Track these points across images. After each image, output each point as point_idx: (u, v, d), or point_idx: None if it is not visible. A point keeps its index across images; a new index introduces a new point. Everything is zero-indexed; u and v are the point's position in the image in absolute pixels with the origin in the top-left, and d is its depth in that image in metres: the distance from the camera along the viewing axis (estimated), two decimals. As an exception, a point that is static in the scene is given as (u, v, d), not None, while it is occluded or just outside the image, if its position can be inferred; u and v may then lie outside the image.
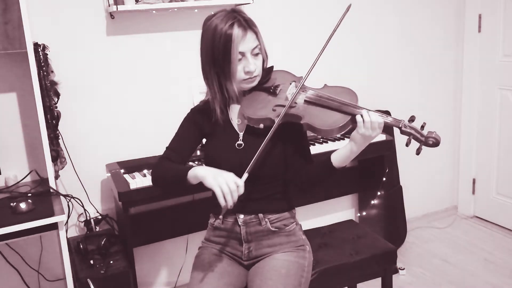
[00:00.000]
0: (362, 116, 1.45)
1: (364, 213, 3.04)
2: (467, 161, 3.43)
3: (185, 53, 2.53)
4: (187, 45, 2.53)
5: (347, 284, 1.96)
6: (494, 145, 3.24)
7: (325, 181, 1.59)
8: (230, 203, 1.36)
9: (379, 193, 2.88)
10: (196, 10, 2.48)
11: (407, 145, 1.46)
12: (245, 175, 1.41)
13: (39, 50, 2.06)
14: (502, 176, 3.23)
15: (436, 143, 1.43)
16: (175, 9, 2.44)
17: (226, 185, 1.36)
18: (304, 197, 2.76)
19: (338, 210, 3.13)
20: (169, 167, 1.58)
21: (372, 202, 2.93)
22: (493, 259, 2.89)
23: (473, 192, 3.44)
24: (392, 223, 2.95)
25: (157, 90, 2.53)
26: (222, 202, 1.36)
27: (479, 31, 3.21)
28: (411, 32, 3.19)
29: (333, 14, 2.84)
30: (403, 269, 2.78)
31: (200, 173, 1.44)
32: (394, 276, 2.00)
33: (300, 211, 1.88)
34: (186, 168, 1.50)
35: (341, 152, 1.52)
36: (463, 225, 3.38)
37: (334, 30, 1.53)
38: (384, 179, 2.82)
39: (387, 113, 2.95)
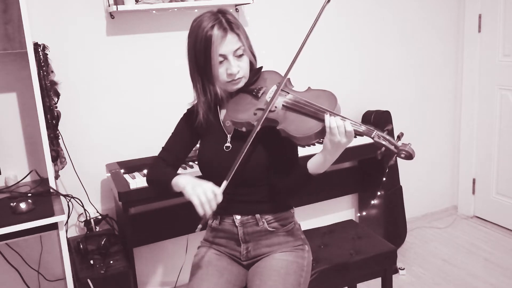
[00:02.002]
0: (328, 122, 1.38)
1: (364, 213, 3.03)
2: (467, 161, 3.43)
3: (185, 53, 2.53)
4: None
5: (347, 284, 1.96)
6: (494, 145, 3.24)
7: (303, 189, 1.54)
8: (209, 212, 1.38)
9: (379, 193, 2.88)
10: (196, 10, 2.48)
11: (377, 157, 1.37)
12: (225, 183, 1.41)
13: (39, 50, 2.06)
14: (502, 176, 3.23)
15: (408, 157, 1.34)
16: (175, 9, 2.45)
17: (204, 194, 1.38)
18: (304, 197, 2.76)
19: (338, 210, 3.13)
20: (160, 171, 1.61)
21: (372, 202, 2.93)
22: (493, 259, 2.89)
23: (473, 192, 3.44)
24: (392, 223, 2.95)
25: (157, 90, 2.53)
26: (200, 211, 1.38)
27: (479, 31, 3.21)
28: (411, 32, 3.18)
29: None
30: (403, 269, 2.78)
31: (181, 182, 1.47)
32: (394, 276, 2.00)
33: (300, 211, 1.87)
34: (172, 175, 1.52)
35: (316, 160, 1.48)
36: (463, 225, 3.37)
37: (314, 23, 1.51)
38: (384, 179, 2.82)
39: (387, 113, 2.95)
